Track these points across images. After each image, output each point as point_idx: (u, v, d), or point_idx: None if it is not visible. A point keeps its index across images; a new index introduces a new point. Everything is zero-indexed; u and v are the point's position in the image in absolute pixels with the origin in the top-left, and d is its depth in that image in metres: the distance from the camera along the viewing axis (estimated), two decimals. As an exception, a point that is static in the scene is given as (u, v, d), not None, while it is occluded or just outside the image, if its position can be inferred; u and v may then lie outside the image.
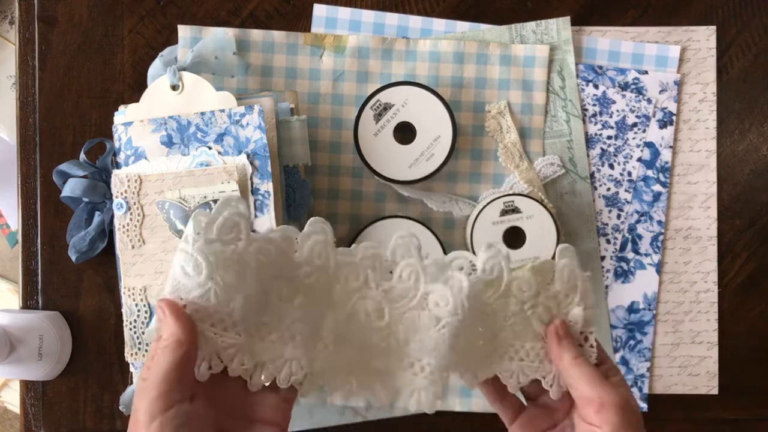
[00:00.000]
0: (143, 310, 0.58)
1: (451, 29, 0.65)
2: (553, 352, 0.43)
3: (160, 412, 0.35)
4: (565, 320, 0.43)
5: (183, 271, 0.37)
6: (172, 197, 0.56)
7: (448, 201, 0.64)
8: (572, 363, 0.41)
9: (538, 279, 0.43)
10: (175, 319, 0.36)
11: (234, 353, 0.39)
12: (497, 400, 0.46)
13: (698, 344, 0.66)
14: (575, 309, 0.43)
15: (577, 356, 0.42)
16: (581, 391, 0.41)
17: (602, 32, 0.66)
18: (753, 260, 0.66)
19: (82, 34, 0.65)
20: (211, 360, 0.38)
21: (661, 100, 0.66)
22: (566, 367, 0.42)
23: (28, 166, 0.65)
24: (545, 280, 0.43)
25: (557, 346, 0.42)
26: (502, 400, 0.46)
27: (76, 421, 0.66)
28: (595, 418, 0.40)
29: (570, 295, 0.43)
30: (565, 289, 0.43)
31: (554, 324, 0.43)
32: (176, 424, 0.35)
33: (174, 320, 0.36)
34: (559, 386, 0.43)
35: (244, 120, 0.55)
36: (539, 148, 0.65)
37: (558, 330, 0.43)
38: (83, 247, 0.62)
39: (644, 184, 0.66)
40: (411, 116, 0.62)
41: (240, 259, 0.38)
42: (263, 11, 0.66)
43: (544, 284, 0.43)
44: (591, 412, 0.40)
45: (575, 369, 0.41)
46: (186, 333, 0.36)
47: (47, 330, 0.62)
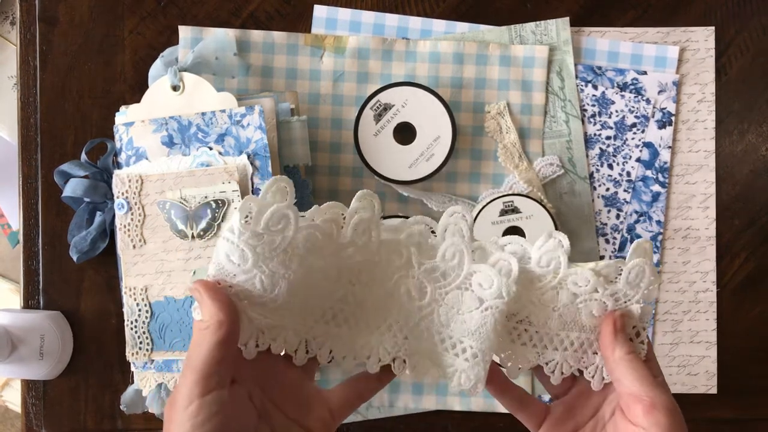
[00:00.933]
0: (144, 310, 0.58)
1: (451, 30, 0.65)
2: (605, 343, 0.41)
3: (198, 396, 0.34)
4: (623, 313, 0.42)
5: (228, 258, 0.37)
6: (173, 197, 0.56)
7: (448, 201, 0.64)
8: (624, 358, 0.40)
9: (598, 279, 0.42)
10: (212, 300, 0.36)
11: (278, 332, 0.39)
12: (520, 408, 0.44)
13: (697, 344, 0.66)
14: (633, 306, 0.42)
15: (630, 352, 0.40)
16: (631, 389, 0.39)
17: (601, 33, 0.66)
18: (752, 260, 0.67)
19: (83, 34, 0.66)
20: (258, 338, 0.38)
21: (660, 101, 0.66)
22: (617, 361, 0.40)
23: (30, 166, 0.66)
24: (607, 280, 0.42)
25: (611, 339, 0.40)
26: (526, 407, 0.44)
27: (77, 420, 0.66)
28: (643, 419, 0.38)
29: (630, 293, 0.42)
30: (627, 289, 0.42)
31: (613, 315, 0.41)
32: (213, 410, 0.34)
33: (212, 301, 0.36)
34: (602, 378, 0.42)
35: (245, 120, 0.55)
36: (538, 149, 0.65)
37: (615, 322, 0.41)
38: (84, 247, 0.62)
39: (643, 185, 0.66)
40: (411, 117, 0.62)
41: (287, 248, 0.37)
42: (264, 12, 0.66)
43: (605, 283, 0.42)
44: (639, 411, 0.39)
45: (627, 364, 0.40)
46: (226, 313, 0.36)
47: (48, 330, 0.63)
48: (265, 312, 0.38)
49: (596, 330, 0.42)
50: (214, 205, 0.55)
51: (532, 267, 0.41)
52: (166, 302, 0.57)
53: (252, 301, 0.38)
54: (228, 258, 0.37)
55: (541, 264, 0.41)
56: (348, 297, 0.40)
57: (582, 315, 0.42)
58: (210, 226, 0.56)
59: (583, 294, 0.42)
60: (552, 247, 0.41)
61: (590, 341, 0.42)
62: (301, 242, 0.38)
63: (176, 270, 0.57)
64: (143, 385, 0.59)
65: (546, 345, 0.42)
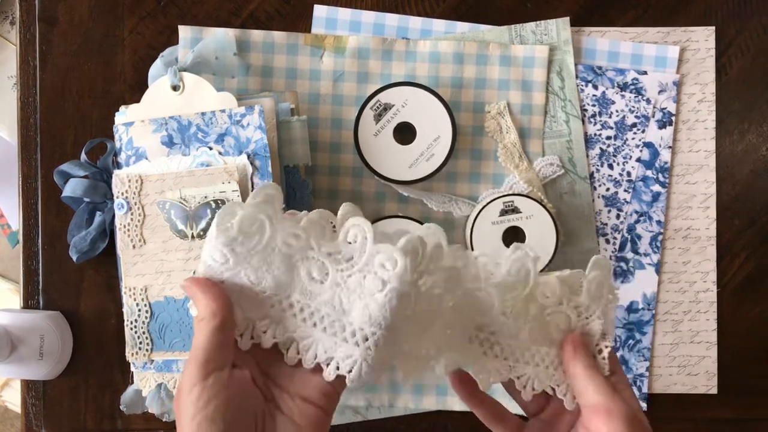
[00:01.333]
0: (144, 310, 0.58)
1: (451, 30, 0.65)
2: (567, 359, 0.43)
3: (200, 379, 0.36)
4: (583, 331, 0.43)
5: (212, 258, 0.39)
6: (173, 197, 0.56)
7: (448, 201, 0.64)
8: (584, 372, 0.42)
9: (564, 289, 0.43)
10: (203, 293, 0.38)
11: (267, 325, 0.39)
12: (495, 422, 0.45)
13: (697, 344, 0.66)
14: (595, 322, 0.43)
15: (589, 366, 0.42)
16: (590, 400, 0.41)
17: (601, 33, 0.66)
18: (752, 260, 0.67)
19: (83, 34, 0.66)
20: (253, 331, 0.39)
21: (660, 101, 0.66)
22: (577, 375, 0.42)
23: (29, 166, 0.66)
24: (571, 291, 0.43)
25: (572, 355, 0.42)
26: (501, 421, 0.45)
27: (77, 420, 0.66)
28: (603, 428, 0.40)
29: (592, 306, 0.43)
30: (588, 301, 0.43)
31: (571, 334, 0.43)
32: (216, 390, 0.36)
33: (203, 294, 0.38)
34: (573, 396, 0.43)
35: (245, 120, 0.55)
36: (539, 149, 0.65)
37: (574, 340, 0.43)
38: (84, 247, 0.62)
39: (643, 185, 0.66)
40: (411, 116, 0.62)
41: (266, 247, 0.39)
42: (264, 12, 0.66)
43: (569, 294, 0.43)
44: (599, 421, 0.40)
45: (586, 378, 0.41)
46: (218, 303, 0.37)
47: (48, 330, 0.63)
48: (253, 305, 0.39)
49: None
50: (214, 205, 0.55)
51: (502, 276, 0.42)
52: (165, 302, 0.57)
53: (241, 294, 0.39)
54: (212, 258, 0.39)
55: (511, 273, 0.42)
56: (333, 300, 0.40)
57: (551, 329, 0.43)
58: (210, 226, 0.56)
59: (551, 306, 0.42)
60: (521, 256, 0.42)
61: (560, 360, 0.43)
62: (280, 243, 0.39)
63: (176, 270, 0.57)
64: (143, 385, 0.59)
65: (518, 359, 0.43)
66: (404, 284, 0.38)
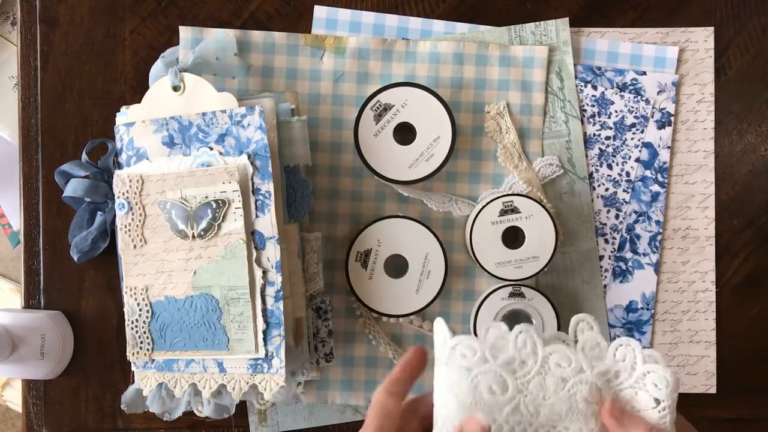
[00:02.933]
0: (145, 310, 0.58)
1: (451, 30, 0.66)
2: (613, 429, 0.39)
3: None
4: (615, 399, 0.40)
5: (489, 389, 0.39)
6: (174, 197, 0.57)
7: (448, 201, 0.64)
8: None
9: (582, 354, 0.41)
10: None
11: None
12: None
13: (696, 343, 0.66)
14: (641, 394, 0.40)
15: (650, 430, 0.38)
16: None
17: (601, 33, 0.66)
18: (751, 260, 0.67)
19: (84, 35, 0.66)
20: None
21: (659, 101, 0.66)
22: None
23: (30, 166, 0.66)
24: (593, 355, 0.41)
25: (624, 428, 0.39)
26: None
27: (78, 420, 0.66)
28: None
29: (622, 375, 0.41)
30: (615, 366, 0.41)
31: (604, 405, 0.40)
32: None
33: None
34: None
35: (245, 120, 0.56)
36: (538, 149, 0.65)
37: (612, 410, 0.39)
38: (85, 247, 0.63)
39: (642, 185, 0.66)
40: (411, 117, 0.62)
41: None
42: (264, 12, 0.66)
43: (591, 360, 0.41)
44: None
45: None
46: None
47: (49, 329, 0.63)
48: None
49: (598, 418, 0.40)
50: (215, 205, 0.56)
51: (509, 354, 0.40)
52: (166, 302, 0.57)
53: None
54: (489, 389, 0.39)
55: (518, 346, 0.40)
56: (520, 407, 0.40)
57: (578, 402, 0.40)
58: (210, 226, 0.56)
59: (571, 377, 0.40)
60: (524, 329, 0.40)
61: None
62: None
63: (177, 270, 0.57)
64: (144, 385, 0.59)
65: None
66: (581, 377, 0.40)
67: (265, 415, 0.66)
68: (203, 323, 0.57)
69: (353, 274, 0.62)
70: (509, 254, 0.62)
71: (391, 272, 0.62)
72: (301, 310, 0.59)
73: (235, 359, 0.57)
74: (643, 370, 0.40)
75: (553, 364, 0.40)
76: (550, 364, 0.40)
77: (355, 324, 0.65)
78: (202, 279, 0.56)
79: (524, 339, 0.40)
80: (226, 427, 0.66)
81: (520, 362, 0.40)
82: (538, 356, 0.40)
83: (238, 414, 0.65)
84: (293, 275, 0.58)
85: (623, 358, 0.40)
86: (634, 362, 0.40)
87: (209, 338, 0.57)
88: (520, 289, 0.62)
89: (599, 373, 0.40)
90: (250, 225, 0.56)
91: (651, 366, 0.40)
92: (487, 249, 0.62)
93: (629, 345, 0.40)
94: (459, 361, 0.39)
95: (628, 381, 0.40)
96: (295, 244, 0.58)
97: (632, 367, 0.40)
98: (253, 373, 0.56)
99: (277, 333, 0.55)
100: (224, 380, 0.57)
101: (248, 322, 0.56)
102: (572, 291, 0.65)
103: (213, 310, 0.56)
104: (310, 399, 0.65)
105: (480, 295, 0.64)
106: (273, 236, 0.55)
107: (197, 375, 0.58)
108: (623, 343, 0.40)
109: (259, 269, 0.55)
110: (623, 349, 0.40)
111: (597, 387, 0.40)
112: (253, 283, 0.56)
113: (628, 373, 0.40)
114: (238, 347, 0.56)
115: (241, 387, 0.57)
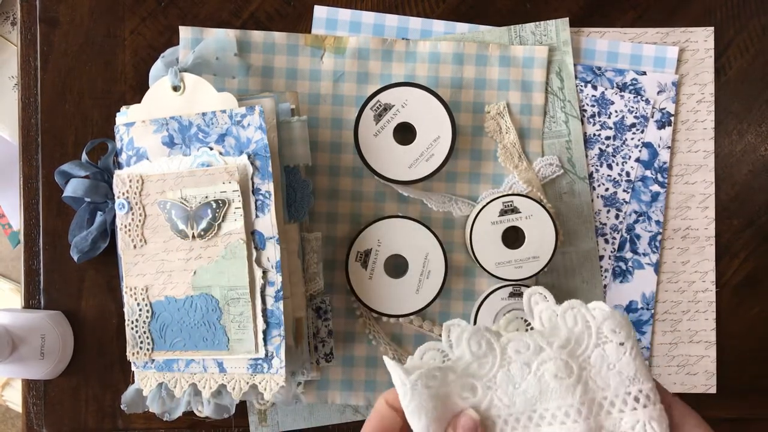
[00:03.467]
0: (145, 310, 0.58)
1: (451, 30, 0.66)
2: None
3: None
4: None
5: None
6: (174, 197, 0.57)
7: (448, 201, 0.64)
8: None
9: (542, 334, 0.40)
10: None
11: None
12: None
13: (696, 343, 0.66)
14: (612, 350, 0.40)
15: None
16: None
17: (601, 33, 0.66)
18: (751, 260, 0.67)
19: (84, 35, 0.66)
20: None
21: (659, 101, 0.66)
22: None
23: (30, 166, 0.66)
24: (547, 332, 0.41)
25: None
26: None
27: (78, 420, 0.66)
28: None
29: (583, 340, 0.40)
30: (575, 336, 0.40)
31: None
32: None
33: None
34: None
35: (245, 120, 0.56)
36: (538, 149, 0.65)
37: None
38: (85, 247, 0.63)
39: (642, 185, 0.66)
40: (411, 117, 0.62)
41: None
42: (264, 12, 0.66)
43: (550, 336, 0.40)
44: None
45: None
46: None
47: (49, 329, 0.63)
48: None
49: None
50: (215, 205, 0.56)
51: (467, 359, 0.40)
52: (166, 302, 0.57)
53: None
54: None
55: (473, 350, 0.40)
56: (494, 402, 0.40)
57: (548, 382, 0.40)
58: (210, 226, 0.56)
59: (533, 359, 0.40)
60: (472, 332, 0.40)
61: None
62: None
63: (177, 270, 0.57)
64: (144, 385, 0.59)
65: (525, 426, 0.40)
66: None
67: (265, 415, 0.66)
68: (203, 323, 0.57)
69: (353, 274, 0.62)
70: (509, 254, 0.62)
71: (391, 272, 0.62)
72: (301, 310, 0.59)
73: (235, 359, 0.57)
74: (597, 324, 0.40)
75: (513, 352, 0.40)
76: (510, 353, 0.40)
77: (355, 324, 0.65)
78: (202, 279, 0.56)
79: (477, 341, 0.40)
80: (226, 427, 0.66)
81: (479, 363, 0.40)
82: (496, 351, 0.40)
83: (238, 414, 0.65)
84: (293, 275, 0.58)
85: (575, 322, 0.40)
86: (586, 322, 0.40)
87: (209, 338, 0.57)
88: (520, 289, 0.62)
89: (559, 347, 0.40)
90: (250, 225, 0.56)
91: (600, 314, 0.40)
92: (487, 249, 0.62)
93: (573, 307, 0.40)
94: (424, 393, 0.39)
95: (591, 341, 0.40)
96: (295, 244, 0.58)
97: (587, 326, 0.40)
98: (253, 373, 0.56)
99: (277, 333, 0.55)
100: (224, 380, 0.57)
101: (248, 322, 0.56)
102: (572, 291, 0.65)
103: (213, 310, 0.56)
104: (310, 399, 0.65)
105: (480, 295, 0.64)
106: (273, 236, 0.55)
107: (197, 375, 0.58)
108: (567, 308, 0.40)
109: (259, 269, 0.55)
110: (571, 314, 0.40)
111: (563, 361, 0.40)
112: (253, 283, 0.56)
113: (586, 334, 0.40)
114: (238, 347, 0.56)
115: (241, 387, 0.57)
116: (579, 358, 0.40)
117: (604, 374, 0.40)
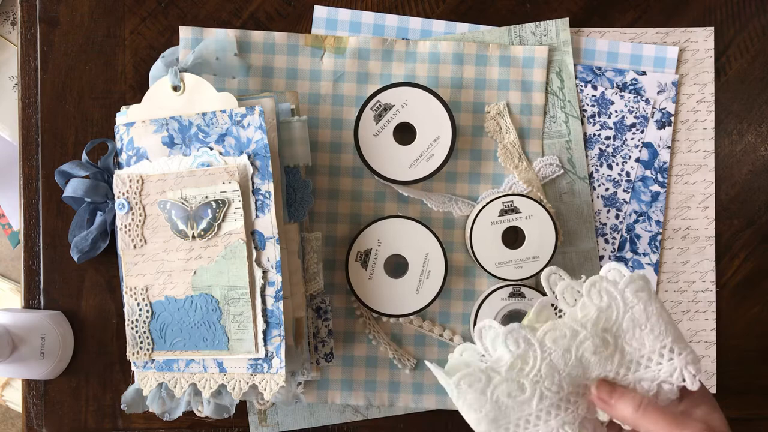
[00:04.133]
0: (145, 310, 0.58)
1: (451, 30, 0.66)
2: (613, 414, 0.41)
3: None
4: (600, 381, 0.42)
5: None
6: (174, 197, 0.57)
7: (448, 201, 0.64)
8: (638, 416, 0.40)
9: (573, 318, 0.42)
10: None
11: None
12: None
13: (696, 343, 0.66)
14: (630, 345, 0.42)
15: (638, 406, 0.40)
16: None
17: (601, 33, 0.66)
18: (751, 260, 0.67)
19: (84, 35, 0.66)
20: None
21: (659, 101, 0.66)
22: (635, 422, 0.40)
23: (30, 166, 0.66)
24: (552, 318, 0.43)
25: (613, 408, 0.40)
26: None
27: (78, 420, 0.66)
28: None
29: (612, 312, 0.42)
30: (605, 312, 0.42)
31: (591, 390, 0.41)
32: None
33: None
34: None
35: (245, 121, 0.56)
36: (538, 149, 0.65)
37: (600, 393, 0.41)
38: (85, 247, 0.63)
39: (642, 185, 0.66)
40: (411, 117, 0.62)
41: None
42: (264, 13, 0.66)
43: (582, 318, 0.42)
44: None
45: (645, 420, 0.39)
46: None
47: (49, 329, 0.63)
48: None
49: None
50: (215, 205, 0.56)
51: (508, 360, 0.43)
52: (166, 302, 0.57)
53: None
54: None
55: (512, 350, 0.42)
56: (544, 393, 0.41)
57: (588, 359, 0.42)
58: (210, 226, 0.56)
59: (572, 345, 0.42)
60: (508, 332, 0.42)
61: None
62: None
63: (177, 270, 0.57)
64: (144, 385, 0.59)
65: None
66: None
67: (265, 415, 0.66)
68: (203, 323, 0.57)
69: (353, 274, 0.62)
70: (509, 254, 0.62)
71: (391, 272, 0.62)
72: (301, 310, 0.59)
73: (235, 359, 0.57)
74: (621, 293, 0.41)
75: (551, 343, 0.41)
76: (548, 344, 0.41)
77: (355, 324, 0.65)
78: (202, 279, 0.56)
79: (515, 339, 0.41)
80: (226, 427, 0.66)
81: (522, 361, 0.41)
82: (535, 345, 0.41)
83: (238, 414, 0.65)
84: (293, 275, 0.58)
85: (600, 297, 0.42)
86: (611, 293, 0.42)
87: (209, 338, 0.57)
88: (520, 289, 0.62)
89: (593, 326, 0.41)
90: (250, 225, 0.56)
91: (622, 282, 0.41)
92: (487, 249, 0.62)
93: (595, 283, 0.42)
94: (469, 392, 0.41)
95: (620, 310, 0.42)
96: (295, 244, 0.58)
97: (612, 298, 0.42)
98: (253, 373, 0.56)
99: (277, 333, 0.55)
100: (224, 380, 0.57)
101: (248, 322, 0.56)
102: (572, 291, 0.65)
103: (213, 310, 0.56)
104: (310, 399, 0.65)
105: (480, 295, 0.64)
106: (273, 236, 0.55)
107: (197, 375, 0.58)
108: (590, 287, 0.42)
109: (259, 269, 0.55)
110: (595, 290, 0.42)
111: (600, 337, 0.41)
112: (253, 283, 0.56)
113: (614, 305, 0.42)
114: (238, 347, 0.56)
115: (241, 387, 0.57)
116: (613, 329, 0.42)
117: (638, 336, 0.41)
